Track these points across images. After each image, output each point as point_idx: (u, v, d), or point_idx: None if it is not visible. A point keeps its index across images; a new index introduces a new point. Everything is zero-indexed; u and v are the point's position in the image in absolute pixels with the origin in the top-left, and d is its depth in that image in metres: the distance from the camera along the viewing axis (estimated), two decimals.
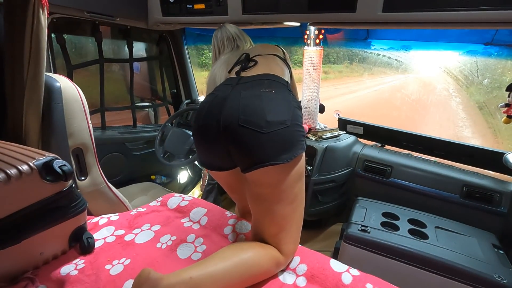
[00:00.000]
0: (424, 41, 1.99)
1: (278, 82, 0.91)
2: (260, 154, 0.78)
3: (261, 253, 0.79)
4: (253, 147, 0.78)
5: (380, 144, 1.92)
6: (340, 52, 3.50)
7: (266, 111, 0.78)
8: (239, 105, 0.80)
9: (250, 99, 0.82)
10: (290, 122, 0.80)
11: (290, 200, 0.84)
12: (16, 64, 0.96)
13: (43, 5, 0.96)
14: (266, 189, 0.82)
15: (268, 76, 0.93)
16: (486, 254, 1.18)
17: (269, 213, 0.83)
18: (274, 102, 0.82)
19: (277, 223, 0.83)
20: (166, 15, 1.70)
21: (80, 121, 1.15)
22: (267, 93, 0.83)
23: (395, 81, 3.65)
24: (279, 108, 0.81)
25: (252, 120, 0.78)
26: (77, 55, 2.03)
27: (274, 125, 0.78)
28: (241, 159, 0.83)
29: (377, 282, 0.80)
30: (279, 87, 0.89)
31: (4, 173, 0.69)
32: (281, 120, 0.79)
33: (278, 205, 0.82)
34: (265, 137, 0.77)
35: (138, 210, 1.13)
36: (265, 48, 1.13)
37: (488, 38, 1.63)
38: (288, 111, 0.82)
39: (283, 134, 0.79)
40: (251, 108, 0.79)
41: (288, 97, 0.87)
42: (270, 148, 0.78)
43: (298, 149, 0.81)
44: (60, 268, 0.83)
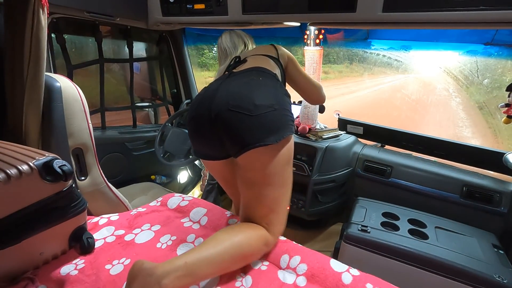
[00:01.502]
0: (424, 41, 1.99)
1: (266, 73, 0.97)
2: (250, 136, 0.82)
3: (252, 234, 0.82)
4: (243, 130, 0.83)
5: (380, 144, 1.92)
6: (340, 52, 3.50)
7: (254, 95, 0.83)
8: (228, 92, 0.86)
9: (239, 86, 0.88)
10: (277, 106, 0.85)
11: (280, 183, 0.88)
12: (16, 64, 0.96)
13: (43, 5, 0.96)
14: (257, 173, 0.86)
15: (257, 68, 0.99)
16: (486, 254, 1.18)
17: (260, 196, 0.86)
18: (262, 88, 0.87)
19: (267, 206, 0.86)
20: (166, 15, 1.70)
21: (80, 121, 1.15)
22: (255, 80, 0.89)
23: (395, 81, 3.65)
24: (267, 93, 0.86)
25: (240, 104, 0.82)
26: (77, 55, 2.03)
27: (262, 108, 0.82)
28: (232, 143, 0.87)
29: (377, 282, 0.80)
30: (268, 77, 0.95)
31: (4, 173, 0.69)
32: (269, 104, 0.83)
33: (269, 187, 0.86)
34: (254, 120, 0.81)
35: (138, 210, 1.13)
36: (258, 49, 1.19)
37: (488, 38, 1.63)
38: (276, 96, 0.87)
39: (271, 116, 0.83)
40: (239, 94, 0.85)
41: (275, 84, 0.92)
42: (258, 130, 0.82)
43: (287, 131, 0.85)
44: (60, 268, 0.83)
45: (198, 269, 0.73)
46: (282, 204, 0.90)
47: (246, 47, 1.30)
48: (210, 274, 0.76)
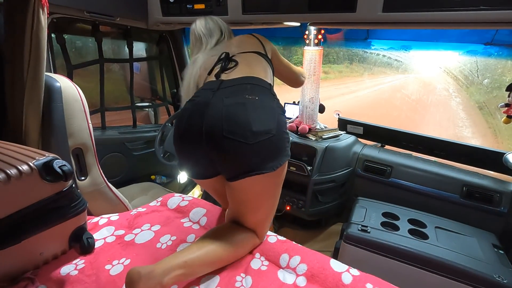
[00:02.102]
0: (424, 41, 1.99)
1: (261, 87, 0.88)
2: (246, 164, 0.79)
3: (244, 236, 0.87)
4: (239, 157, 0.79)
5: (380, 144, 1.92)
6: (340, 52, 3.50)
7: (251, 120, 0.77)
8: (222, 114, 0.78)
9: (234, 107, 0.78)
10: (275, 131, 0.79)
11: (272, 201, 0.90)
12: (16, 64, 0.96)
13: (43, 5, 0.96)
14: (251, 195, 0.85)
15: (251, 79, 0.90)
16: (486, 254, 1.18)
17: (251, 211, 0.88)
18: (259, 111, 0.80)
19: (258, 217, 0.89)
20: (166, 15, 1.70)
21: (80, 121, 1.15)
22: (251, 101, 0.80)
23: (395, 81, 3.65)
24: (264, 117, 0.79)
25: (236, 131, 0.76)
26: (77, 55, 2.02)
27: (259, 135, 0.77)
28: (226, 169, 0.84)
29: (377, 282, 0.80)
30: (263, 92, 0.86)
31: (4, 173, 0.69)
32: (266, 130, 0.78)
33: (260, 205, 0.88)
34: (251, 148, 0.77)
35: (138, 210, 1.13)
36: (245, 43, 1.09)
37: (488, 38, 1.63)
38: (274, 119, 0.81)
39: (269, 144, 0.79)
40: (235, 118, 0.77)
41: (272, 104, 0.85)
42: (256, 158, 0.78)
43: (284, 157, 0.83)
44: (60, 268, 0.83)
45: (197, 268, 0.78)
46: (271, 214, 0.93)
47: (222, 35, 1.16)
48: (206, 271, 0.81)
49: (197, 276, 0.79)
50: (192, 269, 0.76)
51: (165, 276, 0.71)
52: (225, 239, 0.84)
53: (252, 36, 1.14)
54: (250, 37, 1.13)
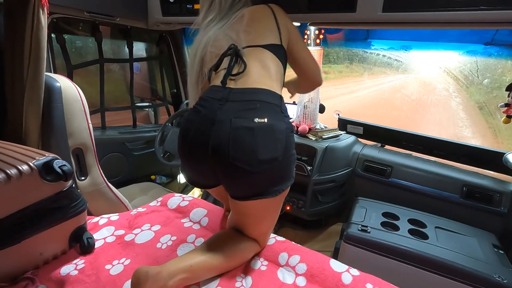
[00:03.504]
0: (424, 41, 1.99)
1: (270, 105, 0.80)
2: (250, 190, 0.79)
3: (248, 244, 0.88)
4: (243, 183, 0.79)
5: (380, 144, 1.92)
6: (340, 52, 3.50)
7: (258, 149, 0.74)
8: (229, 138, 0.74)
9: (242, 132, 0.74)
10: (282, 157, 0.77)
11: (275, 214, 0.90)
12: (16, 64, 0.96)
13: (43, 5, 0.96)
14: (253, 211, 0.85)
15: (260, 94, 0.81)
16: (486, 254, 1.18)
17: (254, 225, 0.88)
18: (267, 138, 0.75)
19: (260, 230, 0.90)
20: (166, 15, 1.70)
21: (80, 121, 1.15)
22: (259, 126, 0.75)
23: (395, 81, 3.65)
24: (272, 144, 0.76)
25: (242, 158, 0.74)
26: (77, 55, 2.03)
27: (266, 163, 0.75)
28: (230, 189, 0.84)
29: (377, 282, 0.80)
30: (272, 112, 0.79)
31: (4, 173, 0.69)
32: (273, 157, 0.75)
33: (263, 220, 0.88)
34: (256, 175, 0.76)
35: (138, 210, 1.13)
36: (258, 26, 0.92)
37: (488, 38, 1.63)
38: (281, 144, 0.77)
39: (275, 170, 0.77)
40: (242, 145, 0.74)
41: (281, 126, 0.78)
42: (260, 185, 0.78)
43: (288, 182, 0.82)
44: (60, 268, 0.83)
45: (201, 273, 0.79)
46: (273, 225, 0.93)
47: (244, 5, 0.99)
48: (208, 276, 0.82)
49: (198, 280, 0.80)
50: (195, 274, 0.78)
51: (170, 279, 0.72)
52: (229, 247, 0.85)
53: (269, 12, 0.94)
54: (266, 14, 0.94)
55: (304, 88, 1.16)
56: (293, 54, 0.99)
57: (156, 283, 0.69)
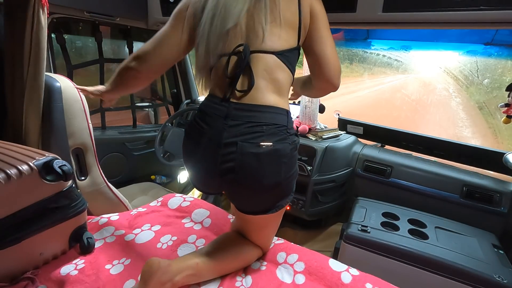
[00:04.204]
0: (424, 41, 1.99)
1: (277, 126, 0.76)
2: (254, 207, 0.83)
3: (251, 249, 0.90)
4: (247, 201, 0.83)
5: (380, 144, 1.92)
6: (340, 52, 3.50)
7: (265, 174, 0.75)
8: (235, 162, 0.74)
9: (248, 157, 0.74)
10: (285, 181, 0.78)
11: (277, 222, 0.92)
12: (16, 64, 0.96)
13: (43, 5, 0.96)
14: (256, 220, 0.87)
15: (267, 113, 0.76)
16: (486, 254, 1.18)
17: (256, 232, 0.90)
18: (273, 162, 0.75)
19: (263, 237, 0.92)
20: (166, 15, 1.70)
21: (80, 121, 1.15)
22: (265, 150, 0.73)
23: (395, 81, 3.65)
24: (277, 169, 0.76)
25: (249, 182, 0.76)
26: (77, 55, 2.02)
27: (268, 187, 0.77)
28: (235, 203, 0.88)
29: (376, 282, 0.80)
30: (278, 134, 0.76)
31: (4, 173, 0.69)
32: (277, 181, 0.77)
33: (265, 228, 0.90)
34: (260, 197, 0.80)
35: (138, 210, 1.13)
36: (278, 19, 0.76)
37: (488, 38, 1.63)
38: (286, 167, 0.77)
39: (278, 191, 0.80)
40: (247, 170, 0.75)
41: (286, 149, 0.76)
42: (263, 204, 0.82)
43: (289, 197, 0.84)
44: (60, 268, 0.83)
45: (206, 272, 0.81)
46: (274, 232, 0.95)
47: None
48: (213, 276, 0.83)
49: (201, 280, 0.82)
50: (200, 272, 0.79)
51: (178, 274, 0.75)
52: (234, 250, 0.87)
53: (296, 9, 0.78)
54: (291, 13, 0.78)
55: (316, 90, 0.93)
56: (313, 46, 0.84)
57: (165, 275, 0.72)
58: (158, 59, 0.86)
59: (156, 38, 0.86)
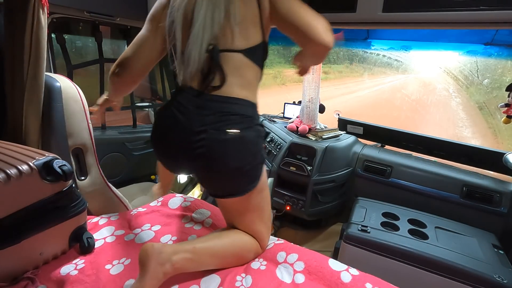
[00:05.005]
0: (424, 41, 1.99)
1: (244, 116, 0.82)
2: (222, 191, 0.87)
3: (249, 238, 0.91)
4: (215, 185, 0.88)
5: (380, 144, 1.92)
6: (340, 52, 3.50)
7: (230, 157, 0.80)
8: (205, 148, 0.79)
9: (216, 143, 0.79)
10: (251, 164, 0.84)
11: (258, 209, 0.92)
12: (16, 64, 0.96)
13: (43, 5, 0.96)
14: (233, 206, 0.91)
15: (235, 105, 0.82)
16: (486, 254, 1.18)
17: (239, 218, 0.92)
18: (239, 148, 0.81)
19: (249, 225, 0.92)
20: None
21: (80, 121, 1.15)
22: (232, 137, 0.79)
23: (395, 81, 3.66)
24: (242, 154, 0.82)
25: (216, 166, 0.81)
26: (77, 55, 2.02)
27: (236, 171, 0.82)
28: (205, 187, 0.93)
29: (376, 282, 0.80)
30: (245, 123, 0.82)
31: (4, 173, 0.69)
32: (242, 165, 0.82)
33: (246, 214, 0.91)
34: (226, 180, 0.84)
35: (138, 210, 1.13)
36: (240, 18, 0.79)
37: (488, 38, 1.63)
38: (251, 153, 0.83)
39: (242, 176, 0.84)
40: (216, 154, 0.79)
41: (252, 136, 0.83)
42: (230, 187, 0.85)
43: (256, 182, 0.87)
44: (60, 268, 0.83)
45: (203, 257, 0.82)
46: (263, 224, 0.94)
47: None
48: (211, 264, 0.84)
49: (202, 267, 0.83)
50: (199, 257, 0.80)
51: (174, 254, 0.76)
52: (229, 236, 0.89)
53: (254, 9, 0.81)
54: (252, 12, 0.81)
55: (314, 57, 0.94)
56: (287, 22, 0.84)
57: (162, 255, 0.74)
58: (139, 63, 0.93)
59: (134, 43, 0.93)
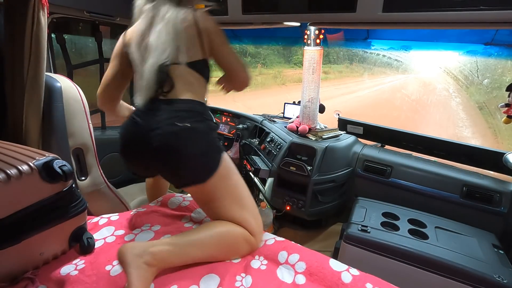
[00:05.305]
0: (424, 41, 1.99)
1: (193, 112, 0.95)
2: (181, 180, 0.95)
3: (234, 227, 0.93)
4: (174, 176, 0.96)
5: (380, 144, 1.92)
6: (340, 52, 3.50)
7: (183, 147, 0.89)
8: (160, 141, 0.89)
9: (168, 135, 0.90)
10: (205, 151, 0.93)
11: (231, 194, 0.96)
12: (16, 64, 0.97)
13: (43, 5, 0.96)
14: (202, 196, 0.96)
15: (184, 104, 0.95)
16: (486, 254, 1.18)
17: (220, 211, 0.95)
18: (189, 137, 0.91)
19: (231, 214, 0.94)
20: None
21: (80, 121, 1.15)
22: (182, 129, 0.90)
23: (395, 81, 3.66)
24: (193, 142, 0.91)
25: (171, 155, 0.90)
26: (77, 55, 2.02)
27: (191, 157, 0.90)
28: (168, 180, 1.02)
29: (377, 282, 0.80)
30: (194, 117, 0.94)
31: (4, 173, 0.69)
32: (197, 151, 0.91)
33: (223, 203, 0.94)
34: (185, 168, 0.91)
35: (138, 210, 1.13)
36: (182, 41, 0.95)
37: (488, 38, 1.63)
38: (202, 141, 0.93)
39: (198, 163, 0.91)
40: (169, 146, 0.90)
41: (201, 127, 0.94)
42: (190, 174, 0.92)
43: (214, 170, 0.92)
44: (60, 268, 0.83)
45: (186, 248, 0.83)
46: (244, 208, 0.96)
47: None
48: (196, 257, 0.85)
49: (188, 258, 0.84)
50: (180, 248, 0.82)
51: (152, 246, 0.78)
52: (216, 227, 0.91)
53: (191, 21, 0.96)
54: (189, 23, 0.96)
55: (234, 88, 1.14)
56: (217, 59, 1.05)
57: (136, 248, 0.77)
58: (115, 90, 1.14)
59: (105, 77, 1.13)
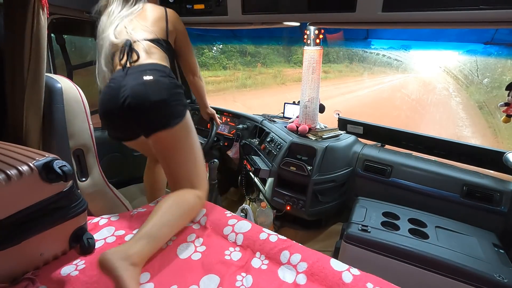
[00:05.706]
0: (424, 41, 1.99)
1: (157, 70, 1.11)
2: (151, 125, 1.08)
3: (183, 193, 1.06)
4: (145, 121, 1.08)
5: (380, 144, 1.92)
6: (340, 52, 3.50)
7: (149, 94, 1.04)
8: (129, 92, 1.04)
9: (137, 87, 1.05)
10: (170, 100, 1.07)
11: (189, 149, 1.12)
12: (16, 64, 0.97)
13: (43, 5, 0.96)
14: (166, 145, 1.10)
15: (149, 66, 1.12)
16: (486, 254, 1.18)
17: (177, 163, 1.10)
18: (154, 87, 1.07)
19: (186, 168, 1.11)
20: None
21: (81, 122, 1.15)
22: (148, 81, 1.07)
23: (395, 81, 3.66)
24: (158, 91, 1.07)
25: (140, 102, 1.04)
26: (77, 55, 2.02)
27: (156, 103, 1.05)
28: (141, 129, 1.13)
29: (377, 281, 0.80)
30: (158, 74, 1.10)
31: (4, 174, 0.69)
32: (161, 99, 1.05)
33: (182, 155, 1.10)
34: (152, 113, 1.06)
35: (139, 210, 1.13)
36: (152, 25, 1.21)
37: (488, 38, 1.63)
38: (166, 91, 1.08)
39: (165, 108, 1.06)
40: (138, 94, 1.04)
41: (165, 81, 1.10)
42: (156, 120, 1.07)
43: (178, 117, 1.09)
44: (61, 268, 0.83)
45: (157, 233, 0.88)
46: (197, 164, 1.14)
47: None
48: (168, 233, 0.93)
49: (164, 239, 0.90)
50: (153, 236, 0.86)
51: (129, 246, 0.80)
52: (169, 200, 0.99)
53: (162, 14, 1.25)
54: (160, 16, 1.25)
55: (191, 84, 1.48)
56: (178, 49, 1.34)
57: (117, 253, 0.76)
58: None
59: None
